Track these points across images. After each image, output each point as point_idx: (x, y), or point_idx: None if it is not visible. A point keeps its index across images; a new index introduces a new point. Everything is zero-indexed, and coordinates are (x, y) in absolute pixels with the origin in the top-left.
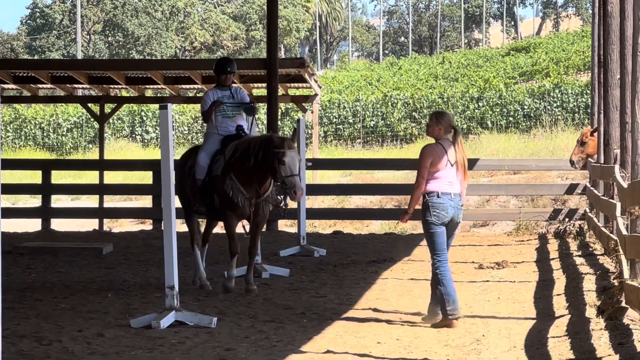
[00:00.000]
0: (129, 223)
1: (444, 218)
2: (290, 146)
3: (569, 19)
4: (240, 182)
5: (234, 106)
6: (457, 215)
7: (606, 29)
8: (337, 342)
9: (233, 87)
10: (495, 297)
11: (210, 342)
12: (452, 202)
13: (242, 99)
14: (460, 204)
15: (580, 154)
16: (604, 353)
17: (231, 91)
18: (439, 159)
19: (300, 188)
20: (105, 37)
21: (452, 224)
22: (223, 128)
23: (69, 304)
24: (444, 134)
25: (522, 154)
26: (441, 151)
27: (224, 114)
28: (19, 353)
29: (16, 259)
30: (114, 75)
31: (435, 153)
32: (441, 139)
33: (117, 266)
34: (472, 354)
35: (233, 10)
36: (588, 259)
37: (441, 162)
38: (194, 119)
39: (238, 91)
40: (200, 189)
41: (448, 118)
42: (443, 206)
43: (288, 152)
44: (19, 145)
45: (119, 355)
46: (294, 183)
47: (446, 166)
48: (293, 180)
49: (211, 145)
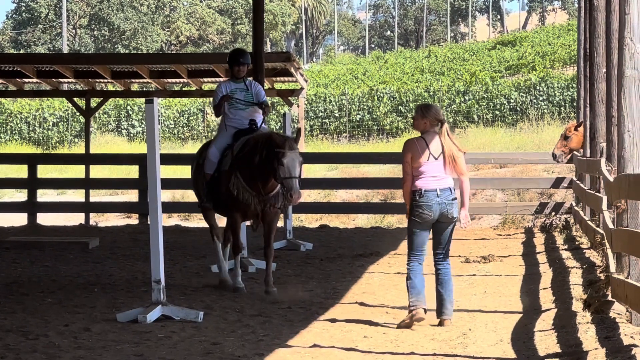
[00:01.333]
0: (115, 217)
1: (428, 218)
2: (291, 147)
3: (555, 13)
4: (245, 180)
5: (247, 99)
6: (448, 210)
7: (592, 23)
8: (323, 336)
9: (248, 79)
10: (482, 291)
11: (197, 337)
12: (439, 199)
13: (257, 93)
14: (450, 198)
15: (563, 147)
16: (591, 346)
17: (245, 83)
18: (419, 154)
19: (298, 191)
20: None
21: (444, 220)
22: (236, 121)
23: (56, 298)
24: (429, 127)
25: (509, 147)
26: (422, 145)
27: (236, 107)
28: (5, 347)
29: (2, 254)
30: (100, 70)
31: (415, 147)
32: (427, 133)
33: (104, 260)
34: (459, 348)
35: (219, 4)
36: (574, 252)
37: (422, 157)
38: (180, 113)
39: (253, 84)
40: (208, 183)
41: (434, 111)
42: (426, 205)
43: (288, 153)
44: (4, 140)
45: (106, 349)
46: (291, 186)
47: (429, 160)
48: (290, 182)
49: (222, 140)
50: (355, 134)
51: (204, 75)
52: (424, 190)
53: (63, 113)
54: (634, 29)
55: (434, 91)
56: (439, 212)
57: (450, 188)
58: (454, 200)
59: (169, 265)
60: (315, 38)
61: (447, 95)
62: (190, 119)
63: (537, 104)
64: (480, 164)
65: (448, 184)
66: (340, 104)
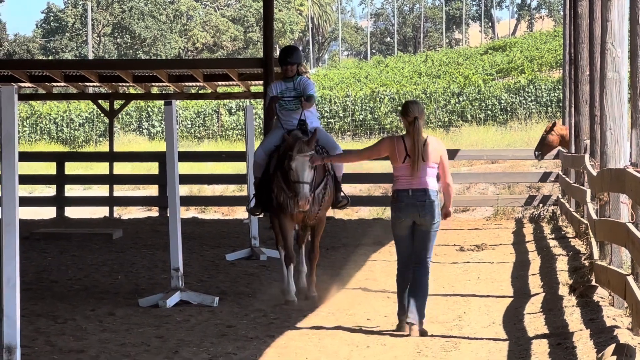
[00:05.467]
0: (137, 210)
1: (401, 219)
2: (300, 150)
3: (542, 20)
4: (284, 181)
5: (296, 98)
6: (420, 212)
7: (576, 30)
8: (329, 319)
9: (298, 77)
10: (475, 277)
11: (212, 320)
12: (411, 199)
13: (304, 89)
14: (425, 200)
15: (542, 147)
16: (576, 328)
17: (294, 83)
18: (396, 155)
19: (304, 197)
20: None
21: (420, 223)
22: (286, 122)
23: (82, 285)
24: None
25: (500, 144)
26: (400, 146)
27: (286, 107)
28: (36, 330)
29: (33, 244)
30: (123, 74)
31: (394, 148)
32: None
33: (126, 250)
34: (455, 330)
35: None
36: (561, 241)
37: (399, 157)
38: (196, 114)
39: (301, 81)
40: (257, 187)
41: (412, 108)
42: (398, 207)
43: (297, 156)
44: (34, 139)
45: (129, 332)
46: (297, 191)
47: (405, 161)
48: (297, 187)
49: (270, 141)
50: (358, 132)
51: (218, 79)
52: (398, 190)
53: (88, 114)
54: (614, 35)
55: (431, 93)
56: (410, 214)
57: (427, 190)
58: (429, 203)
59: (186, 254)
60: (321, 44)
61: (443, 96)
62: (205, 120)
63: (525, 104)
64: (473, 159)
65: (425, 185)
66: (345, 105)
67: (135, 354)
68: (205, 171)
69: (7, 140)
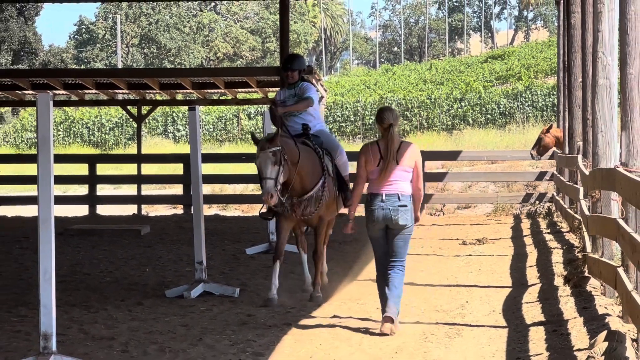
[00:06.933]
0: (163, 208)
1: (374, 223)
2: (262, 147)
3: (538, 31)
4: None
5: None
6: (392, 216)
7: (570, 39)
8: (342, 308)
9: (300, 83)
10: (477, 269)
11: (233, 309)
12: (383, 204)
13: (302, 93)
14: (397, 205)
15: (537, 148)
16: (570, 316)
17: (295, 89)
18: (371, 159)
19: (266, 192)
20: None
21: (392, 227)
22: (292, 127)
23: (113, 277)
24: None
25: (499, 146)
26: (375, 150)
27: (290, 114)
28: (71, 319)
29: (67, 240)
30: (150, 82)
31: (369, 152)
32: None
33: (154, 245)
34: (458, 318)
35: (251, 25)
36: (556, 235)
37: (374, 162)
38: (218, 119)
39: (301, 87)
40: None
41: (387, 116)
42: (370, 210)
43: (260, 154)
44: (68, 143)
45: (156, 320)
46: (261, 186)
47: (379, 164)
48: (262, 183)
49: None
50: (368, 135)
51: (238, 86)
52: (371, 194)
53: (118, 119)
54: (605, 44)
55: (435, 98)
56: (382, 218)
57: (399, 195)
58: (401, 208)
59: (209, 248)
60: (333, 54)
61: (446, 101)
62: (226, 124)
63: (523, 109)
64: (474, 160)
65: (397, 190)
66: (355, 110)
67: (162, 340)
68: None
69: (43, 143)
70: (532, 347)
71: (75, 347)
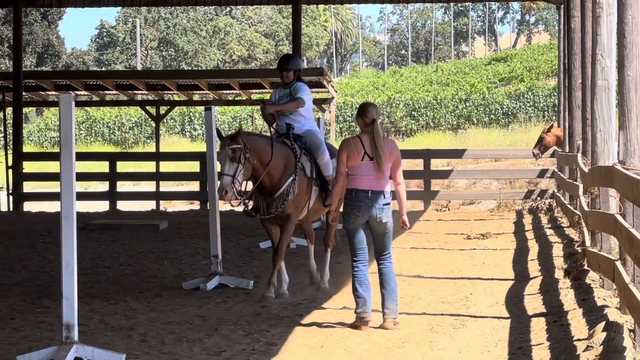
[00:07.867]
0: (180, 204)
1: (357, 217)
2: (224, 144)
3: (540, 34)
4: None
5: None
6: (377, 214)
7: (570, 42)
8: (351, 300)
9: (294, 83)
10: (481, 262)
11: (248, 301)
12: (369, 201)
13: (295, 93)
14: (382, 203)
15: (539, 147)
16: (570, 307)
17: (290, 89)
18: (354, 153)
19: (222, 188)
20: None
21: (375, 225)
22: (280, 127)
23: (132, 270)
24: (364, 127)
25: (502, 144)
26: (358, 145)
27: (282, 113)
28: (92, 310)
29: (88, 234)
30: (167, 83)
31: (351, 147)
32: (363, 133)
33: (171, 239)
34: (462, 309)
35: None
36: (556, 230)
37: (358, 156)
38: (233, 118)
39: (296, 87)
40: None
41: (370, 110)
42: (355, 204)
43: (221, 150)
44: (90, 141)
45: (174, 312)
46: (219, 181)
47: (363, 160)
48: (219, 179)
49: None
50: None
51: (252, 87)
52: (356, 190)
53: (137, 119)
54: (604, 47)
55: (441, 99)
56: (367, 214)
57: (385, 193)
58: (386, 206)
59: (224, 242)
60: (343, 56)
61: (452, 102)
62: (241, 123)
63: (525, 109)
64: (478, 158)
65: (382, 188)
66: None
67: (180, 331)
68: None
69: (65, 142)
70: (534, 337)
71: (96, 337)
